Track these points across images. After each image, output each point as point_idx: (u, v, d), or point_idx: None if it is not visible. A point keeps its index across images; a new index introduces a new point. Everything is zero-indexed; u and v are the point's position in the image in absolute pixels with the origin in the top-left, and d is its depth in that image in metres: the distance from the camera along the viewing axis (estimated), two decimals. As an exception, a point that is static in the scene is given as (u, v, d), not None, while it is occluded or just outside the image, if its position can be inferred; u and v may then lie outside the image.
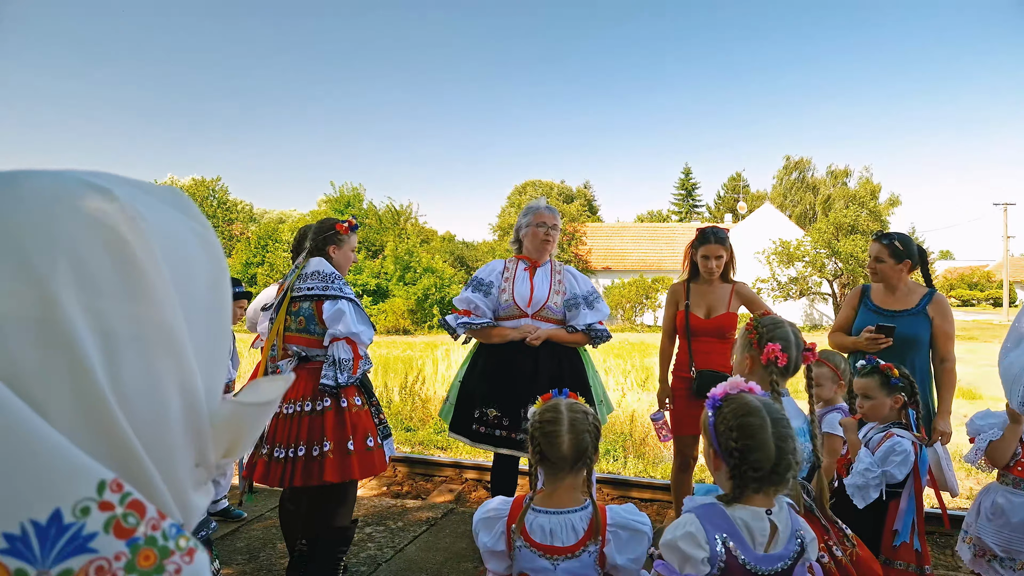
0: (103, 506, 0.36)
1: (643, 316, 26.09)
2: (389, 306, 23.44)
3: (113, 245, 0.41)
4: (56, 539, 0.35)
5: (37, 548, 0.34)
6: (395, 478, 4.84)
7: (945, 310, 2.96)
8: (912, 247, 3.00)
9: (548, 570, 1.52)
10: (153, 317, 0.42)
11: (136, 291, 0.42)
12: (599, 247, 30.67)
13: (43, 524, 0.34)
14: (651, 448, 5.86)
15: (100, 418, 0.39)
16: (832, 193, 35.09)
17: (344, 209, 27.95)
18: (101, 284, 0.40)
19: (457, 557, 3.18)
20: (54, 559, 0.34)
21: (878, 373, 2.33)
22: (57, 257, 0.39)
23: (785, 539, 1.39)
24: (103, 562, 0.36)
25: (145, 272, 0.42)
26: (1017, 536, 2.33)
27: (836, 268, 24.96)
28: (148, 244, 0.43)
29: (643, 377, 9.15)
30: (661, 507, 4.16)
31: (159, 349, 0.43)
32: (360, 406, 2.62)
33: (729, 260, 3.31)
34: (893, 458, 2.20)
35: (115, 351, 0.40)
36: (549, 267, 3.19)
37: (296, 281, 2.61)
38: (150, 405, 0.42)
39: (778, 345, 1.91)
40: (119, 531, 0.37)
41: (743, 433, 1.37)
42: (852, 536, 1.87)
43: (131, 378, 0.41)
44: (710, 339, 3.25)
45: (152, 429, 0.42)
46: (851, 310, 3.15)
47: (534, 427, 1.59)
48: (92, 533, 0.36)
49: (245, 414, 0.50)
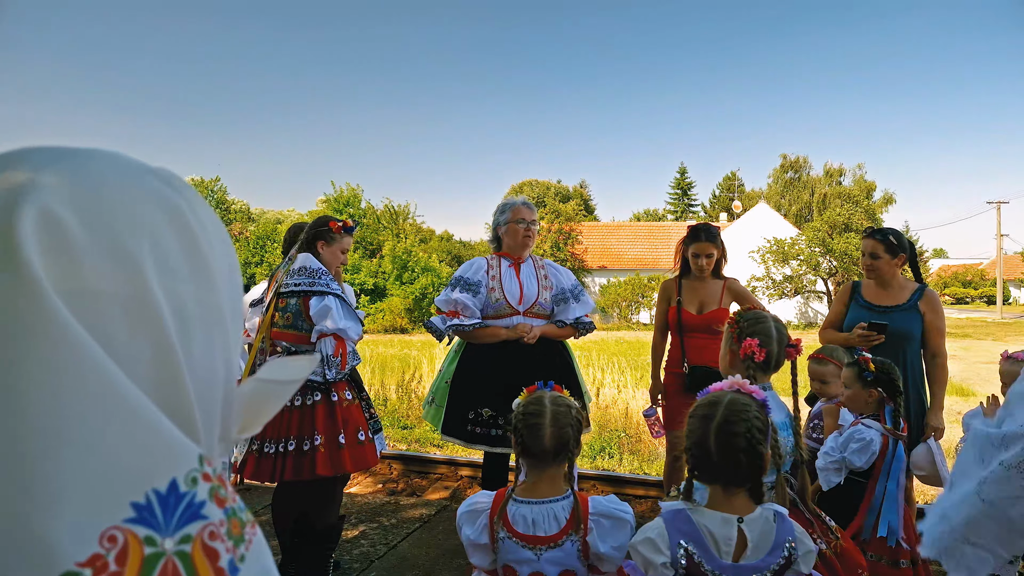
0: (205, 477, 0.39)
1: (639, 314, 26.16)
2: (387, 305, 23.47)
3: (182, 230, 0.44)
4: (175, 507, 0.36)
5: (160, 515, 0.36)
6: (390, 475, 4.86)
7: (936, 305, 2.96)
8: (904, 241, 3.01)
9: (532, 560, 1.52)
10: (212, 300, 0.45)
11: (200, 274, 0.44)
12: (595, 246, 30.73)
13: (163, 493, 0.36)
14: (646, 445, 5.89)
15: (178, 392, 0.41)
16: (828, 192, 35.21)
17: (343, 209, 27.95)
18: (176, 267, 0.42)
19: (451, 553, 3.19)
20: (176, 525, 0.36)
21: (855, 364, 2.36)
22: (143, 239, 0.41)
23: (765, 550, 1.34)
24: (213, 527, 0.38)
25: (207, 258, 0.45)
26: None
27: (831, 266, 25.06)
28: (207, 232, 0.46)
29: (638, 375, 9.18)
30: (654, 503, 4.19)
31: (216, 330, 0.45)
32: (351, 400, 2.64)
33: (720, 257, 3.32)
34: (852, 445, 2.23)
35: (188, 330, 0.42)
36: (532, 263, 3.19)
37: (283, 277, 2.63)
38: (207, 383, 0.44)
39: (756, 340, 1.92)
40: (218, 501, 0.39)
41: (692, 421, 1.43)
42: (836, 528, 1.90)
43: (198, 356, 0.43)
44: (702, 335, 3.26)
45: (206, 406, 0.44)
46: (842, 306, 3.14)
47: (517, 419, 1.60)
48: (202, 501, 0.38)
49: (266, 390, 0.51)
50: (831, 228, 25.16)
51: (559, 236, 28.50)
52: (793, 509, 1.84)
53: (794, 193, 40.17)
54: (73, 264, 0.38)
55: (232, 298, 0.49)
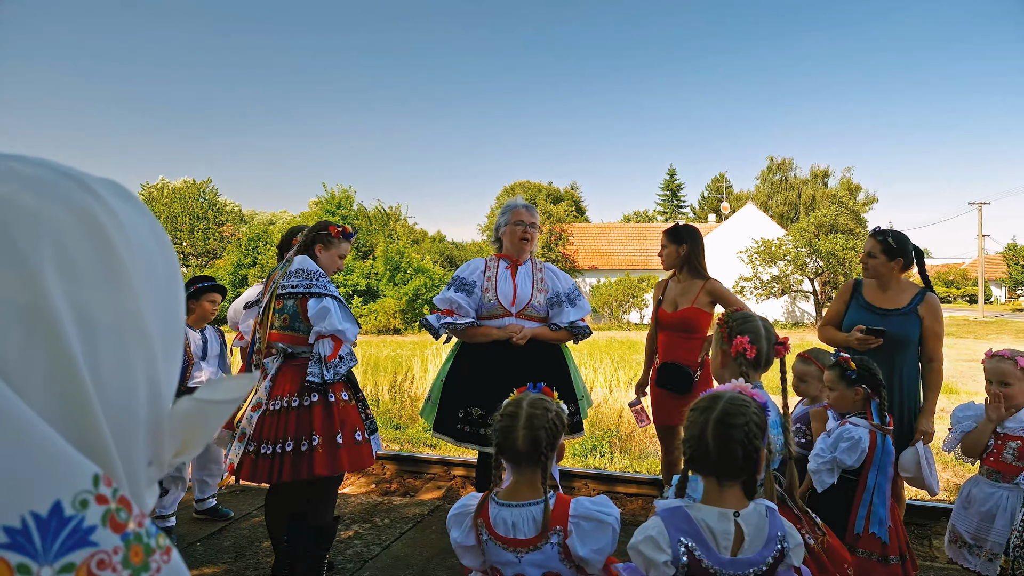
0: (99, 499, 0.36)
1: (629, 315, 26.30)
2: (380, 306, 23.41)
3: (94, 234, 0.40)
4: (58, 532, 0.33)
5: (39, 541, 0.33)
6: (383, 476, 4.86)
7: (936, 311, 2.92)
8: (906, 246, 2.97)
9: (513, 563, 1.53)
10: (130, 308, 0.42)
11: (115, 281, 0.41)
12: (586, 247, 30.85)
13: (44, 517, 0.33)
14: (637, 444, 5.94)
15: (78, 408, 0.38)
16: (815, 193, 35.62)
17: (335, 210, 27.86)
18: (83, 272, 0.39)
19: (444, 553, 3.21)
20: (56, 553, 0.33)
21: (837, 366, 2.39)
22: (43, 243, 0.38)
23: (760, 544, 1.36)
24: (104, 555, 0.35)
25: (123, 262, 0.42)
26: (985, 524, 2.42)
27: (817, 266, 25.36)
28: (125, 235, 0.42)
29: (630, 375, 9.24)
30: (646, 502, 4.24)
31: (134, 340, 0.42)
32: (347, 401, 2.64)
33: (688, 254, 3.38)
34: (842, 444, 2.25)
35: (95, 340, 0.39)
36: (530, 265, 3.21)
37: (281, 279, 2.63)
38: (122, 397, 0.41)
39: (746, 338, 1.95)
40: (114, 525, 0.36)
41: (692, 414, 1.46)
42: (822, 525, 1.94)
43: (108, 369, 0.40)
44: (674, 333, 3.36)
45: (121, 423, 0.41)
46: (842, 304, 3.13)
47: (495, 420, 1.62)
48: (92, 526, 0.35)
49: (202, 411, 0.47)
50: (817, 229, 25.46)
51: (551, 237, 28.59)
52: (781, 505, 1.88)
53: (781, 194, 40.61)
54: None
55: (166, 307, 0.45)
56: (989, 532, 2.39)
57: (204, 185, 35.67)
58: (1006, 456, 2.40)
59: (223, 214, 35.05)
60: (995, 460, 2.44)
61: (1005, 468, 2.40)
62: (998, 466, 2.42)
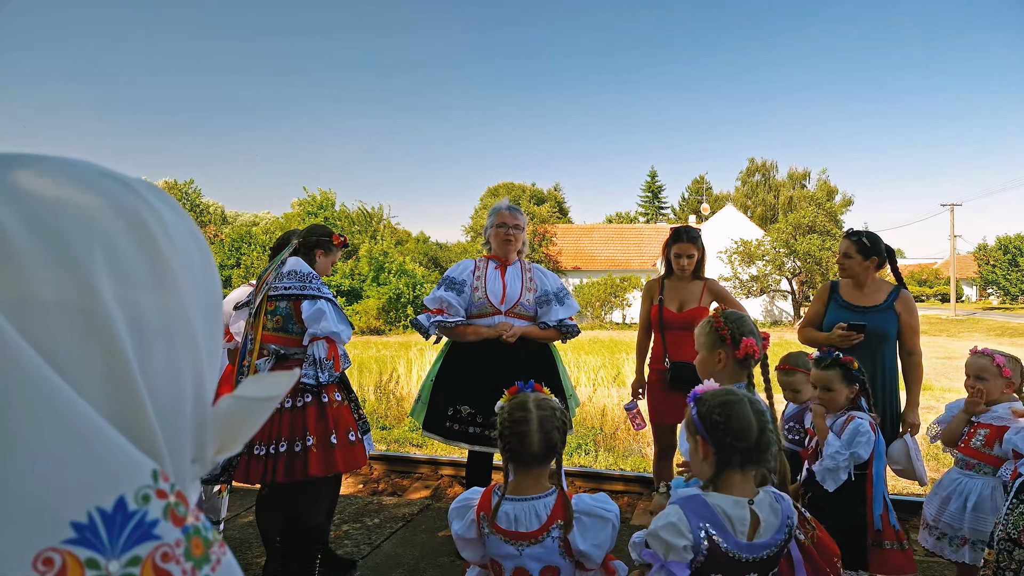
0: (159, 494, 0.36)
1: (612, 314, 26.51)
2: (363, 307, 23.25)
3: (141, 236, 0.41)
4: (123, 526, 0.34)
5: (105, 536, 0.33)
6: (372, 476, 4.85)
7: (911, 306, 3.05)
8: (880, 245, 3.07)
9: (514, 556, 1.55)
10: (177, 308, 0.43)
11: (163, 282, 0.42)
12: (569, 248, 31.01)
13: (109, 512, 0.34)
14: (621, 442, 6.00)
15: (132, 408, 0.39)
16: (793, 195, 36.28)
17: (317, 211, 27.64)
18: (133, 274, 0.40)
19: (433, 552, 3.22)
20: (122, 546, 0.34)
21: (839, 366, 2.45)
22: (94, 246, 0.38)
23: (773, 528, 1.43)
24: (167, 548, 0.36)
25: (169, 263, 0.42)
26: (956, 513, 2.53)
27: (795, 266, 25.87)
28: (169, 236, 0.43)
29: (613, 373, 9.32)
30: (632, 499, 4.29)
31: (182, 341, 0.43)
32: (340, 402, 2.64)
33: (700, 258, 3.43)
34: (859, 439, 2.32)
35: (146, 342, 0.40)
36: (519, 266, 3.25)
37: (273, 279, 2.62)
38: (171, 397, 0.42)
39: (752, 339, 1.97)
40: (175, 519, 0.37)
41: (725, 409, 1.45)
42: (811, 519, 1.99)
43: (159, 370, 0.41)
44: (683, 332, 3.35)
45: (170, 421, 0.42)
46: (821, 305, 3.20)
47: (503, 425, 1.59)
48: (155, 520, 0.35)
49: (244, 409, 0.48)
50: (795, 230, 25.96)
51: (534, 238, 28.69)
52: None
53: (759, 196, 41.29)
54: (15, 272, 0.36)
55: (206, 307, 0.46)
56: (946, 515, 2.54)
57: (187, 186, 35.09)
58: (974, 443, 2.57)
59: (206, 215, 34.53)
60: (965, 446, 2.61)
61: (973, 454, 2.57)
62: (967, 451, 2.59)
